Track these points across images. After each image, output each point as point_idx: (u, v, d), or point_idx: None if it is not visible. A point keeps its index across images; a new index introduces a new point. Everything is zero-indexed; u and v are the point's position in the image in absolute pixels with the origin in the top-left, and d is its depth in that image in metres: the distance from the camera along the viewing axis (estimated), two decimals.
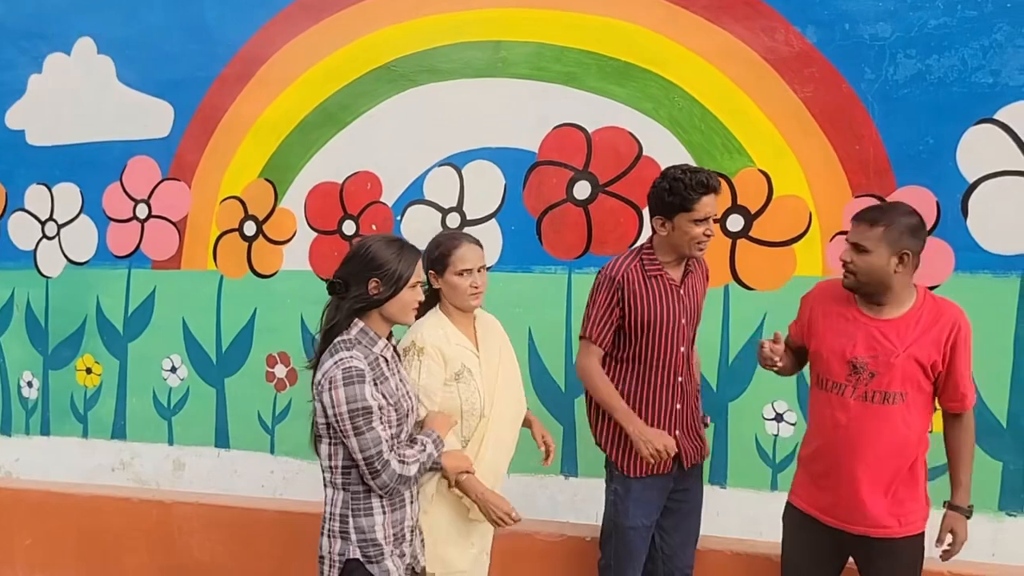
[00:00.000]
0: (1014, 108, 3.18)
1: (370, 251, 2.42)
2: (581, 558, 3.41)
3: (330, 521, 2.44)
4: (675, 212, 2.82)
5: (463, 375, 2.72)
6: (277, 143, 4.08)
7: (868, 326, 2.61)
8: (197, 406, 4.29)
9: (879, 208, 2.66)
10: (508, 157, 3.77)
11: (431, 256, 2.76)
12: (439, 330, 2.74)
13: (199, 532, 3.96)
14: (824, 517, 2.72)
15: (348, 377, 2.30)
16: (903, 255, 2.51)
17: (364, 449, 2.32)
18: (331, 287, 2.44)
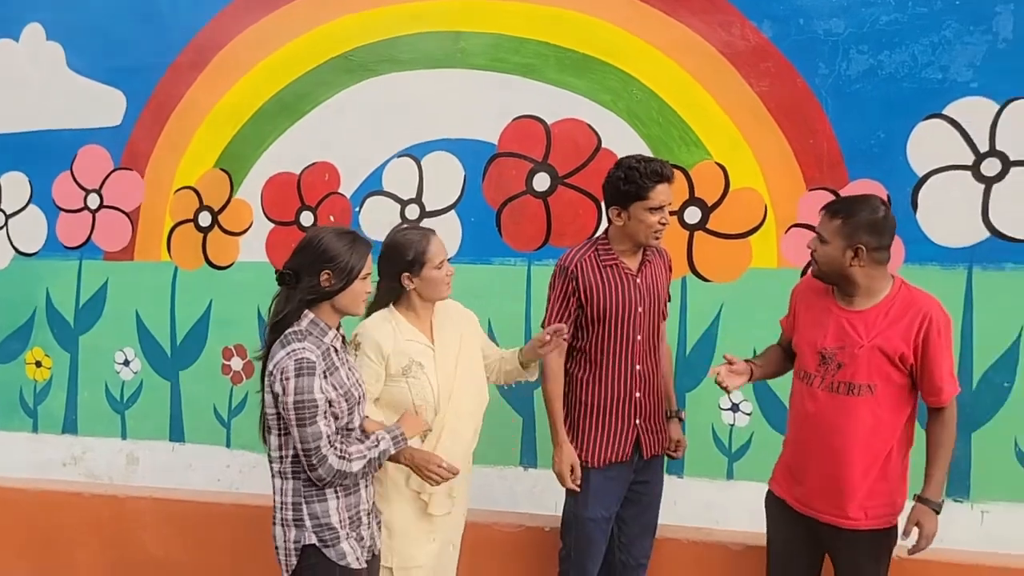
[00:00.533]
0: (962, 104, 3.26)
1: (322, 243, 2.42)
2: (540, 548, 3.43)
3: (282, 510, 2.45)
4: (630, 201, 2.85)
5: (412, 370, 2.72)
6: (233, 132, 4.02)
7: (839, 317, 2.65)
8: (151, 399, 4.22)
9: (845, 201, 2.71)
10: (467, 148, 3.77)
11: (402, 259, 2.73)
12: (387, 325, 2.74)
13: (153, 527, 3.90)
14: (797, 505, 2.76)
15: (299, 368, 2.31)
16: (857, 248, 2.54)
17: (304, 441, 2.34)
18: (281, 278, 2.44)
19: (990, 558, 3.22)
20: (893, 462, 2.61)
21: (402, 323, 2.77)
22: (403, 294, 2.79)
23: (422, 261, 2.73)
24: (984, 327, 3.30)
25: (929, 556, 3.16)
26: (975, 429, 3.33)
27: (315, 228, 2.54)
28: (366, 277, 2.47)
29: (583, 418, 3.01)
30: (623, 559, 3.15)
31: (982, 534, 3.33)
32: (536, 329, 3.69)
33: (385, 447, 2.50)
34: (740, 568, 3.30)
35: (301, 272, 2.41)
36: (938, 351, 2.54)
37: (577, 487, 2.96)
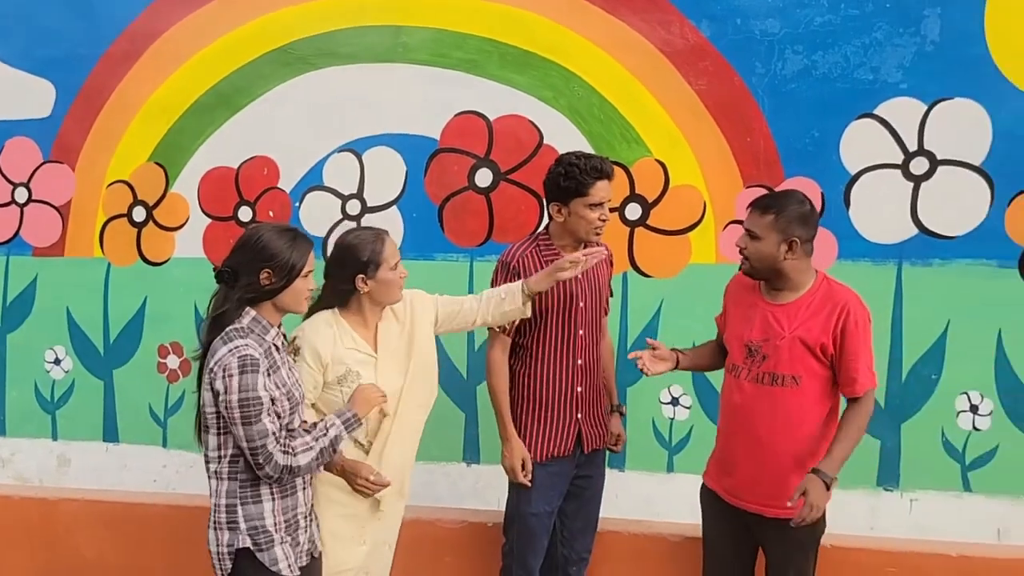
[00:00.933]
0: (892, 104, 3.35)
1: (261, 240, 2.36)
2: (483, 544, 3.44)
3: (216, 513, 2.39)
4: (571, 197, 2.87)
5: (348, 379, 2.66)
6: (168, 126, 3.92)
7: (764, 310, 2.70)
8: (83, 399, 4.10)
9: (772, 196, 2.76)
10: (409, 144, 3.74)
11: (357, 260, 2.65)
12: (329, 330, 2.67)
13: (86, 530, 3.79)
14: (727, 496, 2.81)
15: (243, 365, 2.26)
16: (791, 242, 2.59)
17: (250, 440, 2.29)
18: (219, 276, 2.38)
19: (918, 545, 3.33)
20: (818, 453, 2.65)
21: (345, 329, 2.70)
22: (352, 298, 2.71)
23: (377, 262, 2.65)
24: (912, 321, 3.40)
25: (859, 544, 3.28)
26: (904, 420, 3.43)
27: (254, 225, 2.48)
28: (308, 275, 2.42)
29: (525, 413, 3.02)
30: (565, 553, 3.17)
31: (911, 522, 3.44)
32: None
33: (336, 433, 2.45)
34: (679, 559, 3.35)
35: (239, 270, 2.35)
36: (854, 342, 2.59)
37: (528, 482, 2.97)
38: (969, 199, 3.32)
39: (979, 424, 3.39)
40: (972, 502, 3.41)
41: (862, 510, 3.45)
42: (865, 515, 3.46)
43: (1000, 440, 3.37)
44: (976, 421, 3.39)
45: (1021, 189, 3.28)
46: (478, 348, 3.72)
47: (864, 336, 2.62)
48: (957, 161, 3.32)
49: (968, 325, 3.36)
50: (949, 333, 3.38)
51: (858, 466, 3.43)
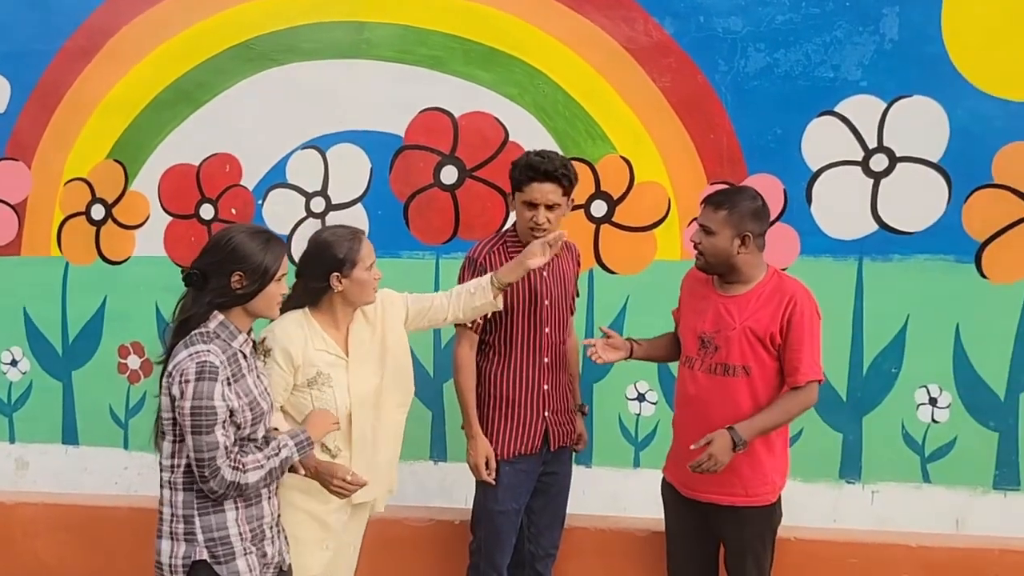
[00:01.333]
0: (852, 101, 3.40)
1: (232, 242, 2.28)
2: (450, 542, 3.43)
3: (172, 523, 2.28)
4: (513, 192, 2.92)
5: (319, 381, 2.63)
6: (127, 122, 3.85)
7: (716, 302, 2.76)
8: (41, 401, 4.02)
9: (725, 192, 2.81)
10: (374, 141, 3.72)
11: (333, 257, 2.61)
12: (298, 331, 2.63)
13: (45, 534, 3.73)
14: (684, 489, 2.85)
15: (200, 372, 2.17)
16: (744, 237, 2.66)
17: (198, 451, 2.19)
18: (187, 279, 2.29)
19: (880, 536, 3.39)
20: (770, 442, 2.72)
21: (316, 330, 2.66)
22: (324, 297, 2.68)
23: (354, 261, 2.62)
24: (873, 316, 3.45)
25: (822, 536, 3.33)
26: (866, 413, 3.48)
27: (226, 227, 2.38)
28: (281, 279, 2.36)
29: (492, 410, 3.02)
30: (532, 549, 3.18)
31: (872, 513, 3.49)
32: None
33: (287, 455, 2.35)
34: (645, 553, 3.37)
35: (209, 273, 2.26)
36: (799, 332, 2.65)
37: (492, 480, 2.97)
38: (927, 195, 3.38)
39: (938, 416, 3.45)
40: (931, 493, 3.47)
41: (825, 502, 3.50)
42: (828, 507, 3.50)
43: (958, 432, 3.44)
44: (935, 414, 3.45)
45: (978, 185, 3.34)
46: (444, 346, 3.71)
47: (810, 328, 2.67)
48: (916, 158, 3.38)
49: (927, 319, 3.42)
50: (909, 327, 3.43)
51: (821, 459, 3.50)
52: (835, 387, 3.48)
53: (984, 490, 3.43)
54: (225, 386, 2.22)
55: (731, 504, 2.73)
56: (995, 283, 3.36)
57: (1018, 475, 3.41)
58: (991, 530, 3.39)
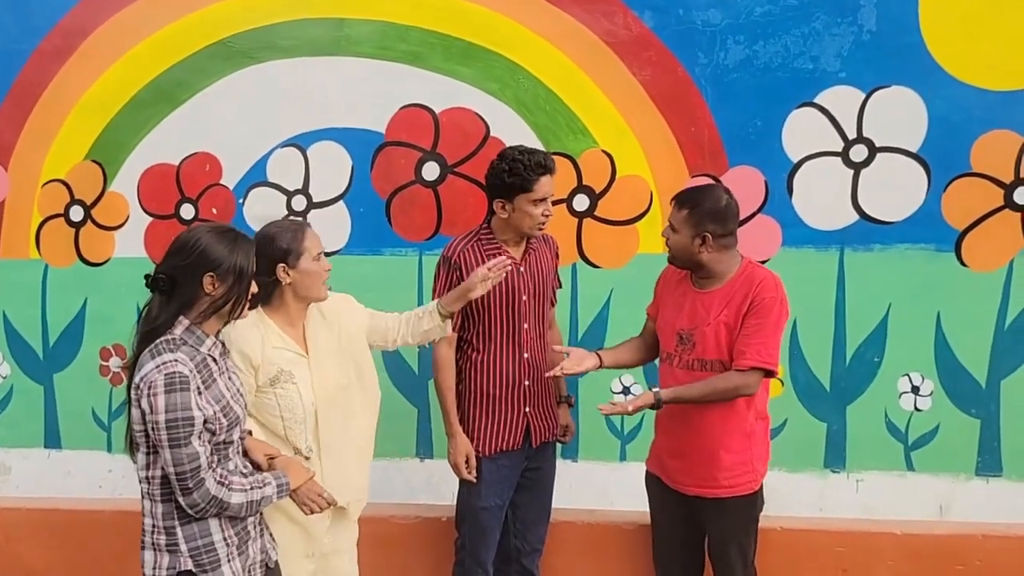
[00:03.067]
0: (831, 92, 3.41)
1: (200, 244, 2.19)
2: (437, 539, 3.42)
3: (154, 534, 2.23)
4: (515, 193, 2.87)
5: (281, 379, 2.60)
6: (105, 122, 3.82)
7: (693, 299, 2.80)
8: (22, 405, 3.98)
9: (691, 191, 2.84)
10: (354, 138, 3.70)
11: (277, 249, 2.58)
12: (254, 331, 2.59)
13: (29, 538, 3.69)
14: (668, 482, 2.88)
15: (170, 384, 2.09)
16: (704, 236, 2.68)
17: (178, 463, 2.12)
18: (154, 284, 2.21)
19: (865, 524, 3.40)
20: (749, 432, 2.75)
21: (271, 328, 2.63)
22: (275, 294, 2.64)
23: (298, 251, 2.59)
24: (855, 306, 3.47)
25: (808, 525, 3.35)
26: (849, 402, 3.51)
27: (190, 228, 2.31)
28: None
29: (473, 407, 3.02)
30: (518, 545, 3.18)
31: (857, 502, 3.51)
32: None
33: (269, 493, 2.29)
34: (633, 547, 3.37)
35: (178, 277, 2.19)
36: (757, 317, 2.65)
37: (473, 478, 2.97)
38: (907, 185, 3.40)
39: (920, 405, 3.47)
40: (915, 481, 3.49)
41: (810, 492, 3.52)
42: (813, 497, 3.52)
43: (941, 420, 3.46)
44: (918, 402, 3.47)
45: (956, 174, 3.36)
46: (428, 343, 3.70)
47: (766, 316, 2.65)
48: (895, 148, 3.39)
49: (908, 308, 3.44)
50: (890, 317, 3.46)
51: (806, 449, 3.51)
52: (818, 377, 3.50)
53: (967, 477, 3.46)
54: (196, 395, 2.15)
55: (715, 496, 2.76)
56: (975, 271, 3.39)
57: (1000, 461, 3.44)
58: (974, 516, 3.41)
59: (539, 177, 2.85)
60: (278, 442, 2.61)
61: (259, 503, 2.27)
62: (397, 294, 3.67)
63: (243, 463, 2.38)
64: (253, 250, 2.29)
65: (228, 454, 2.30)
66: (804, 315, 3.38)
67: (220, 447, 2.26)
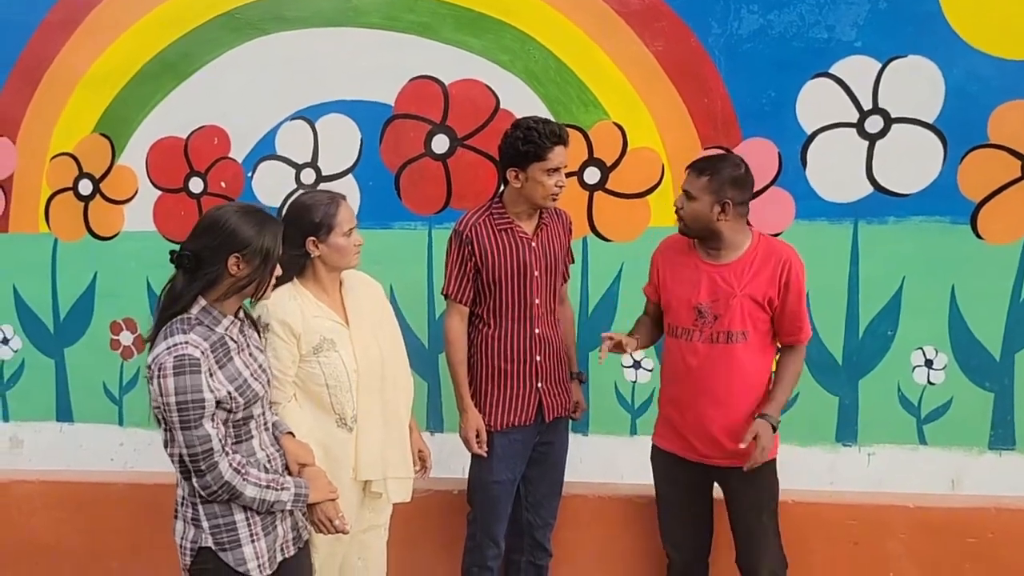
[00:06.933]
0: (847, 63, 3.35)
1: (229, 225, 2.19)
2: (449, 510, 3.44)
3: (182, 506, 2.28)
4: (529, 162, 2.85)
5: (323, 348, 2.62)
6: (112, 95, 3.79)
7: (709, 272, 2.80)
8: (34, 379, 3.99)
9: (708, 158, 2.85)
10: (363, 110, 3.66)
11: (309, 222, 2.61)
12: (292, 302, 2.61)
13: (42, 511, 3.72)
14: (686, 454, 2.89)
15: (179, 366, 2.10)
16: (724, 203, 2.70)
17: (190, 445, 2.13)
18: (179, 260, 2.21)
19: (876, 497, 3.40)
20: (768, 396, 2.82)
21: (308, 298, 2.65)
22: (307, 265, 2.68)
23: (330, 225, 2.61)
24: (869, 279, 3.44)
25: (819, 499, 3.34)
26: (862, 376, 3.48)
27: (218, 207, 2.31)
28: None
29: (484, 383, 3.02)
30: (531, 519, 3.19)
31: (868, 476, 3.50)
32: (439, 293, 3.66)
33: (285, 499, 2.28)
34: (643, 519, 3.38)
35: (204, 256, 2.18)
36: (798, 292, 2.76)
37: (484, 452, 2.97)
38: (923, 156, 3.35)
39: (933, 378, 3.45)
40: (927, 454, 3.48)
41: (822, 466, 3.51)
42: (825, 470, 3.52)
43: (954, 393, 3.44)
44: (931, 375, 3.45)
45: (973, 146, 3.32)
46: (438, 317, 3.69)
47: (802, 288, 2.79)
48: (911, 119, 3.34)
49: (923, 281, 3.41)
50: (904, 290, 3.42)
51: (817, 423, 3.50)
52: (831, 351, 3.48)
53: (980, 450, 3.45)
54: (208, 377, 2.14)
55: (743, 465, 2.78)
56: (991, 243, 3.35)
57: (1013, 435, 3.42)
58: (986, 490, 3.40)
59: (553, 146, 2.84)
60: (323, 413, 2.62)
61: (272, 504, 2.27)
62: (406, 268, 3.67)
63: (271, 440, 2.38)
64: (280, 232, 2.29)
65: (250, 430, 2.30)
66: (817, 289, 3.34)
67: (240, 424, 2.27)
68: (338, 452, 2.67)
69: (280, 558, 2.36)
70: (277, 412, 2.54)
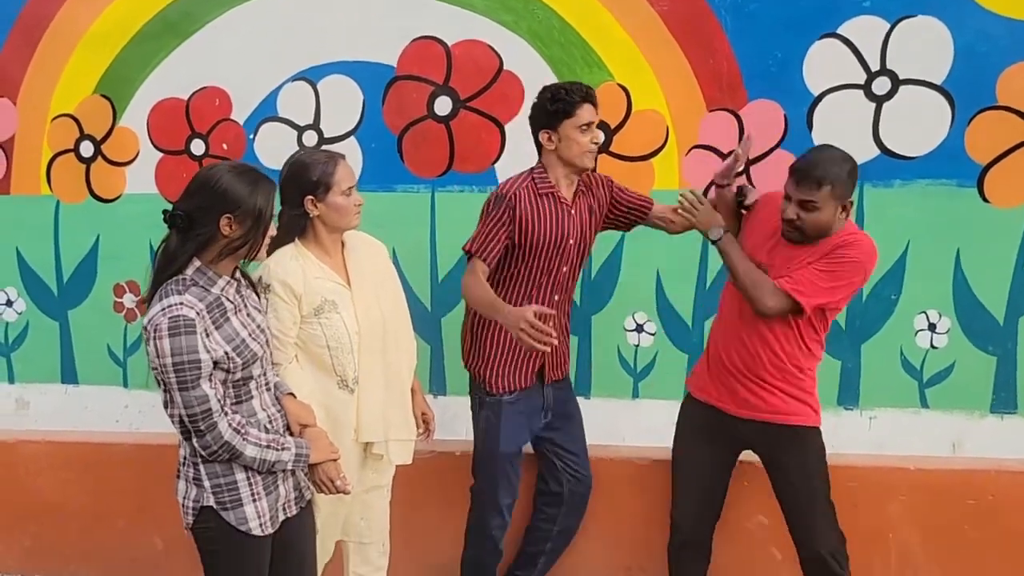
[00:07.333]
0: (855, 23, 3.30)
1: (221, 184, 2.17)
2: (451, 473, 3.44)
3: (184, 466, 2.29)
4: (560, 120, 2.84)
5: (324, 309, 2.62)
6: (112, 56, 3.75)
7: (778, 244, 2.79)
8: (39, 341, 4.00)
9: (819, 165, 2.65)
10: (365, 71, 3.63)
11: (307, 180, 2.59)
12: (293, 263, 2.61)
13: (48, 471, 3.75)
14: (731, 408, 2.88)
15: (174, 327, 2.09)
16: (847, 205, 2.68)
17: (188, 406, 2.13)
18: (172, 219, 2.19)
19: (877, 460, 3.41)
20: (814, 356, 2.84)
21: (310, 260, 2.64)
22: (308, 226, 2.67)
23: (328, 184, 2.59)
24: None
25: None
26: (865, 340, 3.48)
27: (211, 166, 2.28)
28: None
29: (492, 347, 3.01)
30: (572, 488, 3.23)
31: (870, 439, 3.51)
32: (442, 256, 3.66)
33: (286, 459, 2.29)
34: (647, 482, 3.40)
35: (196, 216, 2.17)
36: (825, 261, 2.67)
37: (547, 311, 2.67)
38: (930, 119, 3.31)
39: (936, 342, 3.45)
40: (928, 418, 3.49)
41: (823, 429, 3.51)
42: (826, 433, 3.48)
43: (956, 357, 3.44)
44: (934, 339, 3.45)
45: (981, 108, 3.28)
46: (441, 280, 3.69)
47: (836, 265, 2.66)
48: (919, 80, 3.31)
49: (928, 245, 3.39)
50: (909, 253, 3.41)
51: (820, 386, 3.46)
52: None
53: (981, 414, 3.45)
54: (204, 338, 2.14)
55: (799, 424, 2.81)
56: (997, 207, 3.33)
57: (1015, 398, 3.42)
58: (987, 453, 3.41)
59: (582, 101, 2.83)
60: (324, 375, 2.63)
61: (273, 464, 2.27)
62: (409, 231, 3.66)
63: (272, 401, 2.39)
64: (274, 192, 2.27)
65: (250, 391, 2.30)
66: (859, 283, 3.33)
67: (239, 384, 2.27)
68: (339, 413, 2.68)
69: (283, 517, 2.38)
70: (278, 373, 2.54)
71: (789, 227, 2.70)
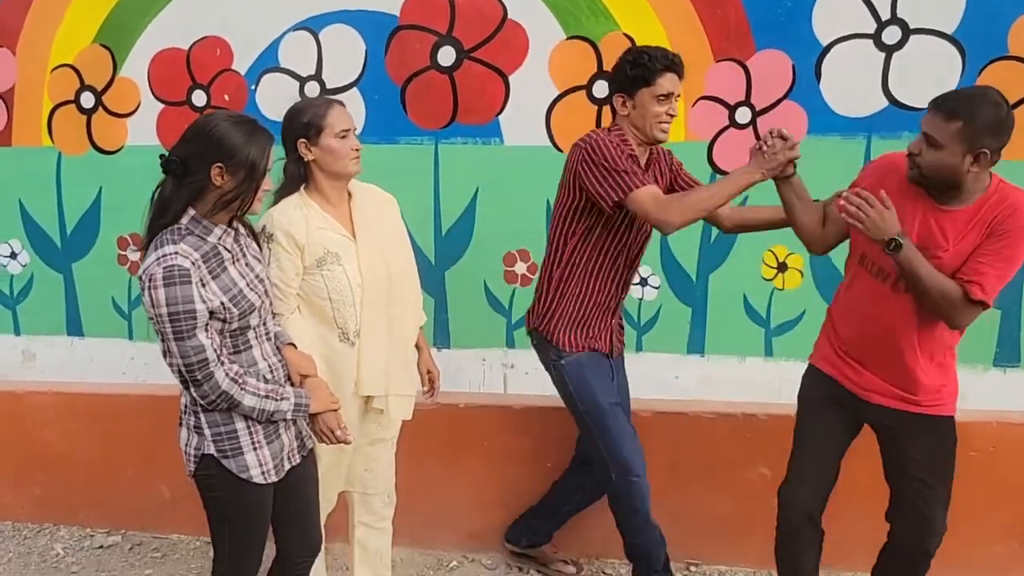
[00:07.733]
0: None
1: (217, 132, 2.14)
2: (456, 425, 3.47)
3: (185, 415, 2.30)
4: (637, 87, 2.73)
5: (327, 261, 2.60)
6: (111, 4, 3.71)
7: (928, 214, 2.40)
8: (44, 293, 4.02)
9: (962, 98, 2.33)
10: (368, 21, 3.58)
11: (299, 124, 2.56)
12: (297, 212, 2.58)
13: (56, 422, 3.78)
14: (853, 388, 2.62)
15: (169, 277, 2.07)
16: (979, 154, 2.26)
17: (184, 355, 2.12)
18: (167, 165, 2.17)
19: None
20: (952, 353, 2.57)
21: (314, 209, 2.61)
22: (310, 176, 2.65)
23: (320, 126, 2.55)
24: None
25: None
26: None
27: (209, 114, 2.25)
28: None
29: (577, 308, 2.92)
30: None
31: None
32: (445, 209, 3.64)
33: (285, 408, 2.29)
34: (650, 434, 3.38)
35: (190, 163, 2.14)
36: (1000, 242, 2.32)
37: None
38: (940, 69, 3.26)
39: None
40: None
41: None
42: None
43: None
44: None
45: (993, 58, 3.23)
46: (445, 233, 3.68)
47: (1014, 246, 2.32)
48: (929, 30, 3.25)
49: None
50: None
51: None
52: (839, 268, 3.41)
53: (984, 367, 3.45)
54: (199, 287, 2.12)
55: (936, 415, 2.54)
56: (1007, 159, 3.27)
57: (1019, 352, 3.42)
58: (990, 406, 3.40)
59: (664, 70, 2.70)
60: (325, 327, 2.63)
61: (272, 413, 2.27)
62: (413, 183, 3.64)
63: (273, 351, 2.39)
64: (271, 146, 2.24)
65: (248, 340, 2.30)
66: None
67: (237, 334, 2.26)
68: (340, 366, 2.68)
69: (288, 466, 2.40)
70: (280, 323, 2.55)
71: (911, 163, 2.38)
